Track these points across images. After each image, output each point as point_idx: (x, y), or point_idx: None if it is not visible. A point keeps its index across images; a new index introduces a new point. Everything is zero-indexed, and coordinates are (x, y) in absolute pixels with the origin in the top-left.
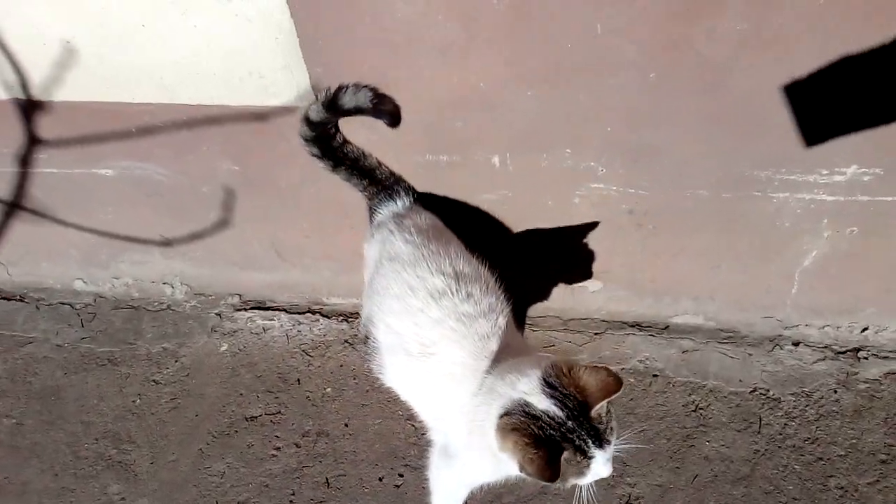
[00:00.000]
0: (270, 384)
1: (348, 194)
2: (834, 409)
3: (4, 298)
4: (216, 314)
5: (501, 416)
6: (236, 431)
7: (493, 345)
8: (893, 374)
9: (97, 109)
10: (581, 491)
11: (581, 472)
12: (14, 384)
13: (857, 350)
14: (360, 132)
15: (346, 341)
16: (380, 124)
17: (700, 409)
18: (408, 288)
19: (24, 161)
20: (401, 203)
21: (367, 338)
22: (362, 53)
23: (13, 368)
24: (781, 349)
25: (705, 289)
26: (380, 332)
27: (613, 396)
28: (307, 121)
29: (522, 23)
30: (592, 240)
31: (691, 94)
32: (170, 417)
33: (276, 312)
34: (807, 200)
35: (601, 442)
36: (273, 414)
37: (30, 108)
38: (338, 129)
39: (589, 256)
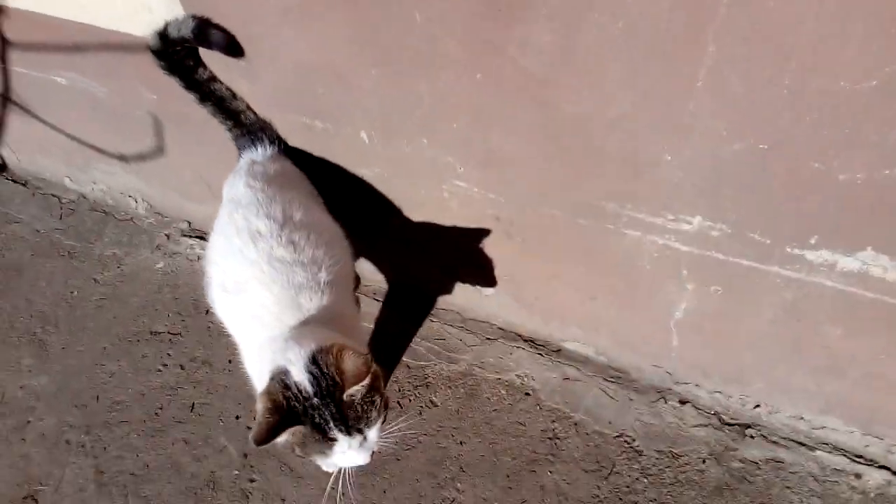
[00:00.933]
0: (183, 307)
1: None
2: (695, 478)
3: (12, 180)
4: (165, 234)
5: (270, 378)
6: (138, 341)
7: (307, 300)
8: (777, 461)
9: (42, 21)
10: (339, 474)
11: (323, 452)
12: None
13: (747, 427)
14: (240, 83)
15: None
16: (259, 74)
17: (557, 438)
18: (235, 228)
19: (2, 58)
20: (261, 150)
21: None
22: (226, 2)
23: None
24: (665, 403)
25: (587, 320)
26: (210, 267)
27: (360, 384)
28: (150, 49)
29: None
30: (473, 241)
31: (522, 106)
32: (93, 313)
33: None
34: (661, 245)
35: (348, 428)
36: (174, 334)
37: None
38: (198, 63)
39: (473, 257)
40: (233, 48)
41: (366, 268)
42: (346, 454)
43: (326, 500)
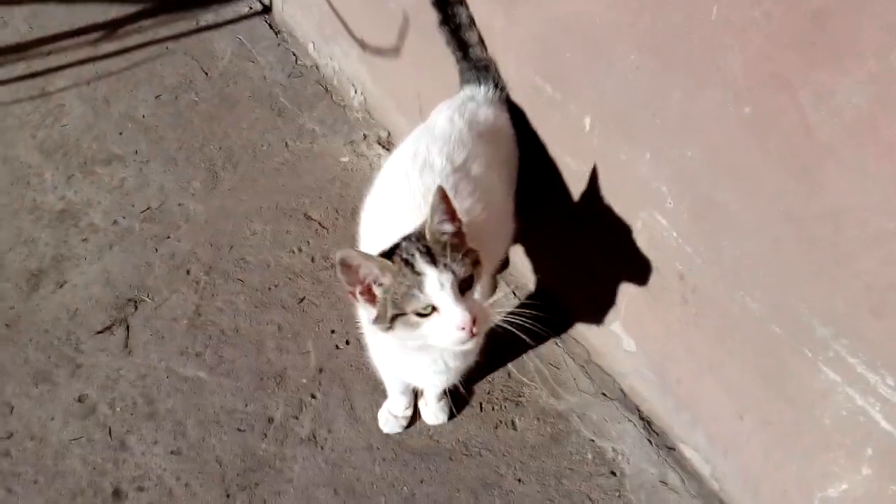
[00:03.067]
0: (343, 206)
1: None
2: None
3: (269, 24)
4: (364, 134)
5: None
6: (290, 217)
7: None
8: None
9: None
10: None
11: (412, 294)
12: (220, 79)
13: None
14: (496, 16)
15: None
16: (518, 14)
17: None
18: (414, 152)
19: None
20: (483, 90)
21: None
22: None
23: (229, 70)
24: None
25: (722, 435)
26: (379, 177)
27: (433, 201)
28: None
29: None
30: (640, 283)
31: (777, 165)
32: (269, 172)
33: None
34: (857, 406)
35: (434, 260)
36: (323, 227)
37: None
38: None
39: (632, 299)
40: None
41: (519, 262)
42: (441, 298)
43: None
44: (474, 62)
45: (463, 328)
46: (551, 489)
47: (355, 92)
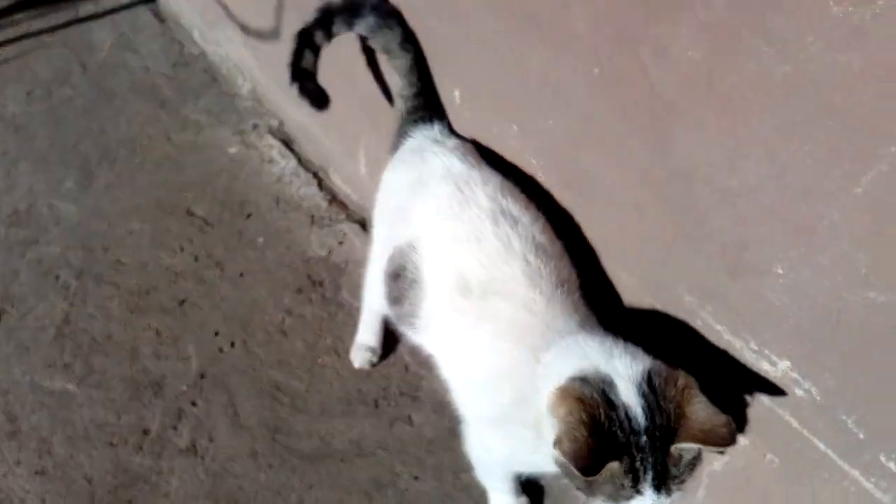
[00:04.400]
0: (228, 201)
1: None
2: None
3: (154, 13)
4: (253, 124)
5: (573, 379)
6: (171, 214)
7: (573, 298)
8: None
9: None
10: None
11: (614, 499)
12: (99, 72)
13: None
14: None
15: (312, 222)
16: None
17: None
18: (478, 209)
19: None
20: (438, 128)
21: (397, 274)
22: None
23: (108, 62)
24: None
25: None
26: (425, 263)
27: (712, 448)
28: None
29: None
30: None
31: (631, 129)
32: (149, 168)
33: (291, 156)
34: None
35: (661, 484)
36: (207, 223)
37: None
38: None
39: None
40: None
41: None
42: None
43: None
44: (434, 97)
45: None
46: (448, 484)
47: (243, 79)
